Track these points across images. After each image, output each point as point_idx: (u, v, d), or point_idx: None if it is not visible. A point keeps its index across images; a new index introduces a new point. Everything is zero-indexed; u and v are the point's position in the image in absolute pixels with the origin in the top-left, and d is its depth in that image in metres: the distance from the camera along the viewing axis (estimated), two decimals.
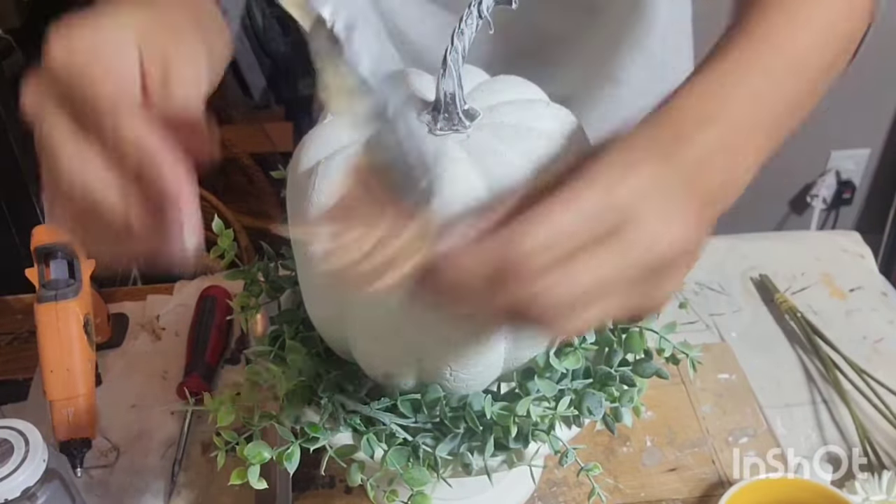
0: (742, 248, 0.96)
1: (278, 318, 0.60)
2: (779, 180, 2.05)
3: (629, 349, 0.56)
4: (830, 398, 0.78)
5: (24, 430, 0.54)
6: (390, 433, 0.52)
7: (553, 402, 0.52)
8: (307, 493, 0.69)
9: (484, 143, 0.49)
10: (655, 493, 0.70)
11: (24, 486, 0.52)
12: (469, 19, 0.49)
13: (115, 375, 0.80)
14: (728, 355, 0.83)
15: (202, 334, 0.81)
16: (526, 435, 0.52)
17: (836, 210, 2.08)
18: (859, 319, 0.87)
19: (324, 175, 0.49)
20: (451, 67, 0.49)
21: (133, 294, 0.90)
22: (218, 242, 0.62)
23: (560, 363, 0.52)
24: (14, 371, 0.80)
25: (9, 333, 0.85)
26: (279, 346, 0.56)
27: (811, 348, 0.83)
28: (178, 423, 0.75)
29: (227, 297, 0.84)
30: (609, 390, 0.54)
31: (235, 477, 0.52)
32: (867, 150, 2.02)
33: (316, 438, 0.52)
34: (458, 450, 0.52)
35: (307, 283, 0.54)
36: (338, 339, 0.55)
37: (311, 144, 0.52)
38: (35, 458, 0.53)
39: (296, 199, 0.51)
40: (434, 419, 0.53)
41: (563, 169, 0.39)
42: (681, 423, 0.76)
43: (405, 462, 0.52)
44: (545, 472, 0.70)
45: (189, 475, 0.71)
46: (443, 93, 0.50)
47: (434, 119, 0.51)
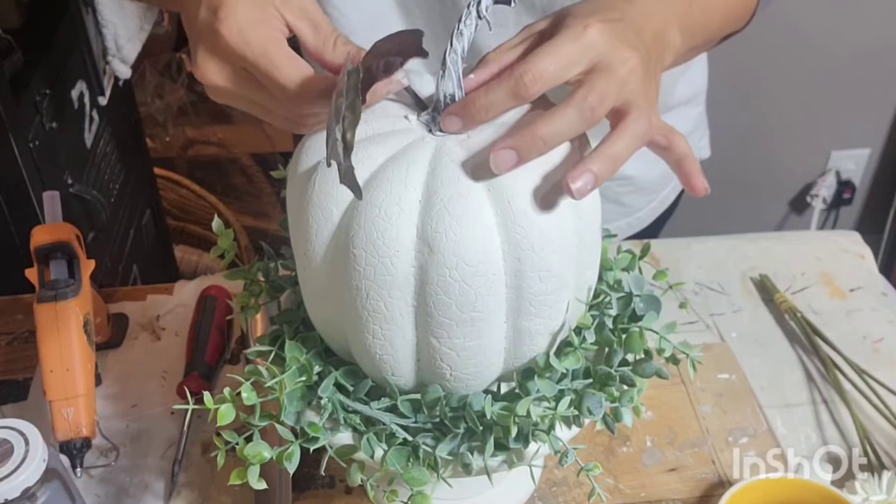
0: (742, 248, 0.96)
1: (278, 318, 0.60)
2: (779, 180, 2.05)
3: (629, 349, 0.56)
4: (830, 398, 0.78)
5: (24, 429, 0.54)
6: (390, 433, 0.52)
7: (553, 402, 0.52)
8: (307, 493, 0.69)
9: (484, 143, 0.49)
10: (655, 493, 0.70)
11: (24, 486, 0.52)
12: (468, 19, 0.49)
13: (115, 375, 0.80)
14: (728, 355, 0.83)
15: (202, 334, 0.81)
16: (526, 435, 0.52)
17: (836, 210, 2.08)
18: (859, 319, 0.87)
19: (324, 175, 0.49)
20: (450, 68, 0.49)
21: (133, 294, 0.90)
22: (218, 242, 0.62)
23: (560, 363, 0.52)
24: (14, 371, 0.80)
25: (9, 333, 0.85)
26: (279, 346, 0.56)
27: (811, 348, 0.83)
28: (178, 422, 0.75)
29: (227, 297, 0.84)
30: (609, 390, 0.54)
31: (235, 477, 0.52)
32: (867, 150, 2.02)
33: (316, 438, 0.52)
34: (458, 450, 0.52)
35: (307, 284, 0.54)
36: (338, 339, 0.55)
37: (311, 144, 0.52)
38: (35, 458, 0.53)
39: (296, 198, 0.52)
40: (434, 419, 0.53)
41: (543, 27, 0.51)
42: (681, 423, 0.76)
43: (405, 462, 0.52)
44: (545, 473, 0.70)
45: (189, 475, 0.71)
46: (442, 93, 0.50)
47: (434, 119, 0.51)
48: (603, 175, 0.47)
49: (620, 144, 0.48)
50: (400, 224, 0.47)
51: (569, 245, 0.49)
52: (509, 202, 0.47)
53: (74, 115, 1.27)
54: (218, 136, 2.00)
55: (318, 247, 0.50)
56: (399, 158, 0.49)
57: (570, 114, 0.47)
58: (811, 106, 1.92)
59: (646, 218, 0.98)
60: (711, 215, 1.79)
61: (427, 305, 0.48)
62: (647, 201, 0.97)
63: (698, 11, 0.58)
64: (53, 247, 0.70)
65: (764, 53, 1.78)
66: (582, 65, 0.48)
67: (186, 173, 1.95)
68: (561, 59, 0.47)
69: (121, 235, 1.41)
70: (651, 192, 0.96)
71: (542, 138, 0.46)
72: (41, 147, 1.11)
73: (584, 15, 0.49)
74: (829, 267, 0.94)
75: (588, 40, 0.48)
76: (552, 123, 0.47)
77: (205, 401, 0.51)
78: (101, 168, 1.35)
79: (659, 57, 0.53)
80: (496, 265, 0.47)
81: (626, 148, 0.48)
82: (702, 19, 0.60)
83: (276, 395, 0.52)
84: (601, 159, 0.47)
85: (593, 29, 0.48)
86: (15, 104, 1.06)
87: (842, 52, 1.84)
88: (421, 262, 0.47)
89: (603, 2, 0.52)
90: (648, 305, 0.58)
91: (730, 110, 1.79)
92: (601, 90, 0.47)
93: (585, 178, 0.46)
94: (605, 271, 0.60)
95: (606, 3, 0.52)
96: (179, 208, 1.88)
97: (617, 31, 0.49)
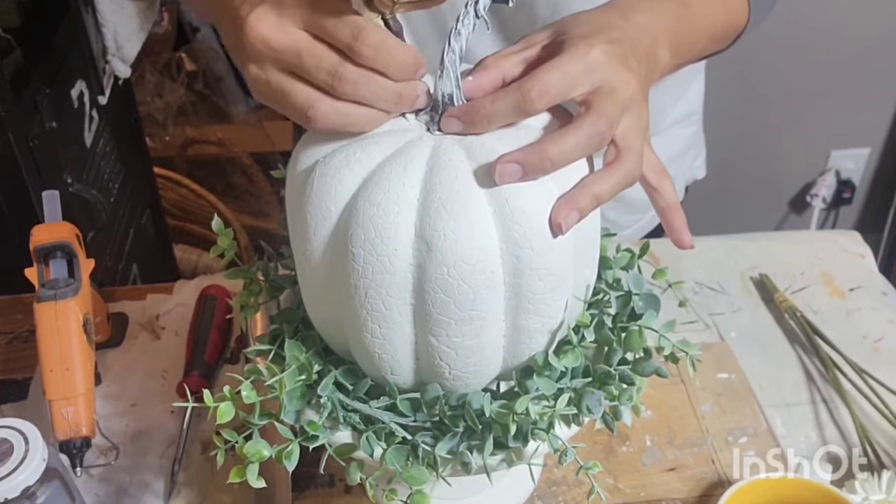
0: (742, 248, 0.96)
1: (278, 318, 0.60)
2: (779, 180, 2.05)
3: (628, 348, 0.56)
4: (830, 398, 0.78)
5: (24, 429, 0.54)
6: (390, 432, 0.52)
7: (552, 400, 0.52)
8: (307, 492, 0.69)
9: (482, 142, 0.49)
10: (655, 492, 0.70)
11: (23, 486, 0.52)
12: (466, 19, 0.49)
13: (115, 375, 0.80)
14: (728, 355, 0.83)
15: (202, 333, 0.81)
16: (525, 434, 0.52)
17: (836, 210, 2.08)
18: (859, 319, 0.87)
19: (322, 174, 0.49)
20: (448, 68, 0.49)
21: (133, 293, 0.90)
22: (218, 242, 0.62)
23: (559, 361, 0.52)
24: (14, 370, 0.80)
25: (8, 333, 0.85)
26: (279, 345, 0.56)
27: (811, 348, 0.83)
28: (178, 422, 0.75)
29: (227, 297, 0.84)
30: (608, 389, 0.54)
31: (234, 475, 0.52)
32: (867, 149, 2.02)
33: (315, 437, 0.52)
34: (458, 448, 0.52)
35: (306, 283, 0.54)
36: (337, 337, 0.55)
37: (310, 143, 0.52)
38: (35, 458, 0.53)
39: (295, 197, 0.52)
40: (433, 418, 0.53)
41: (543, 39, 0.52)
42: (680, 422, 0.76)
43: (404, 461, 0.52)
44: (544, 471, 0.70)
45: (189, 474, 0.71)
46: (440, 94, 0.50)
47: (432, 119, 0.51)
48: (587, 211, 0.49)
49: (610, 183, 0.50)
50: (398, 223, 0.47)
51: (567, 243, 0.49)
52: (507, 200, 0.47)
53: (74, 115, 1.27)
54: (218, 135, 2.01)
55: (316, 246, 0.50)
56: (397, 157, 0.49)
57: (580, 138, 0.48)
58: (811, 106, 1.92)
59: (632, 235, 0.97)
60: (711, 215, 1.79)
61: (426, 304, 0.48)
62: (634, 220, 0.97)
63: (686, 30, 0.60)
64: (53, 246, 0.70)
65: (764, 53, 1.78)
66: (586, 85, 0.49)
67: (186, 173, 1.95)
68: (567, 78, 0.48)
69: (120, 235, 1.41)
70: (638, 210, 0.96)
71: (550, 159, 0.47)
72: (41, 146, 1.11)
73: (588, 35, 0.50)
74: (829, 266, 0.94)
75: (593, 61, 0.49)
76: (562, 144, 0.47)
77: (204, 399, 0.51)
78: (100, 167, 1.35)
79: (648, 76, 0.54)
80: (494, 263, 0.47)
81: (614, 188, 0.50)
82: (689, 38, 0.61)
83: (275, 394, 0.52)
84: (589, 196, 0.49)
85: (597, 50, 0.49)
86: (15, 104, 1.06)
87: (842, 51, 1.84)
88: (419, 260, 0.47)
89: (602, 18, 0.53)
90: (648, 304, 0.58)
91: (730, 110, 1.79)
92: (610, 115, 0.48)
93: (572, 215, 0.48)
94: (605, 270, 0.60)
95: (606, 20, 0.53)
96: (179, 208, 1.88)
97: (619, 54, 0.50)
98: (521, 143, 0.48)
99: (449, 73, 0.50)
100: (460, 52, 0.50)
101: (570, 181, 0.49)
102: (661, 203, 0.56)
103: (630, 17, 0.54)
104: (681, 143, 0.96)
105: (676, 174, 0.98)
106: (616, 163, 0.50)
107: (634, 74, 0.51)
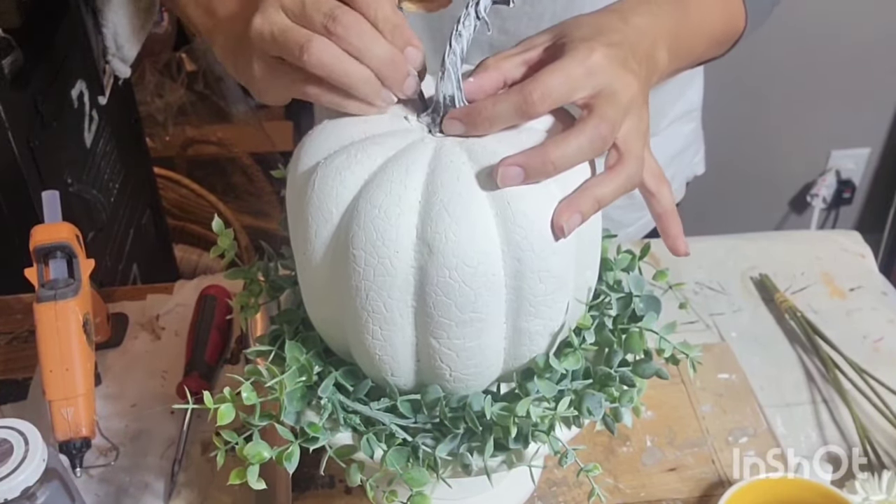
0: (742, 248, 0.96)
1: (278, 318, 0.60)
2: (779, 180, 2.05)
3: (629, 349, 0.56)
4: (830, 398, 0.78)
5: (24, 429, 0.54)
6: (390, 433, 0.52)
7: (553, 402, 0.52)
8: (307, 494, 0.69)
9: (484, 145, 0.49)
10: (655, 492, 0.70)
11: (23, 486, 0.52)
12: (467, 21, 0.49)
13: (115, 375, 0.80)
14: (728, 355, 0.83)
15: (202, 334, 0.81)
16: (526, 435, 0.52)
17: (836, 209, 2.09)
18: (859, 319, 0.87)
19: (323, 175, 0.49)
20: (449, 70, 0.50)
21: (133, 293, 0.90)
22: (218, 242, 0.62)
23: (560, 364, 0.52)
24: (14, 371, 0.80)
25: (8, 333, 0.85)
26: (279, 346, 0.56)
27: (811, 348, 0.83)
28: (178, 422, 0.75)
29: (227, 297, 0.84)
30: (609, 391, 0.54)
31: (234, 477, 0.52)
32: (867, 149, 2.02)
33: (316, 438, 0.52)
34: (458, 450, 0.52)
35: (307, 284, 0.54)
36: (338, 339, 0.55)
37: (311, 144, 0.52)
38: (35, 458, 0.53)
39: (296, 198, 0.51)
40: (434, 419, 0.53)
41: (544, 42, 0.52)
42: (681, 422, 0.76)
43: (405, 462, 0.52)
44: (545, 473, 0.70)
45: (189, 475, 0.71)
46: (442, 95, 0.50)
47: (434, 120, 0.51)
48: (589, 214, 0.49)
49: (612, 187, 0.50)
50: (399, 225, 0.47)
51: (569, 246, 0.49)
52: (509, 203, 0.47)
53: (74, 115, 1.26)
54: (218, 135, 2.00)
55: (317, 247, 0.50)
56: (399, 159, 0.49)
57: (583, 141, 0.48)
58: (811, 106, 1.93)
59: (635, 233, 0.97)
60: (711, 215, 1.79)
61: (427, 306, 0.48)
62: (637, 218, 0.97)
63: (685, 33, 0.60)
64: (53, 246, 0.70)
65: (764, 53, 1.78)
66: (588, 89, 0.49)
67: (186, 173, 1.95)
68: (569, 81, 0.49)
69: (120, 235, 1.41)
70: (641, 207, 0.96)
71: (552, 162, 0.47)
72: (41, 147, 1.11)
73: (588, 38, 0.50)
74: (829, 266, 0.94)
75: (594, 64, 0.49)
76: (564, 148, 0.48)
77: (204, 400, 0.51)
78: (100, 167, 1.35)
79: (648, 78, 0.54)
80: (496, 266, 0.47)
81: (616, 191, 0.50)
82: (688, 41, 0.61)
83: (275, 395, 0.52)
84: (590, 200, 0.49)
85: (599, 54, 0.49)
86: (15, 104, 1.06)
87: (842, 51, 1.84)
88: (420, 262, 0.47)
89: (602, 21, 0.53)
90: (648, 306, 0.58)
91: (730, 110, 1.79)
92: (612, 119, 0.49)
93: (574, 218, 0.48)
94: (605, 272, 0.60)
95: (606, 23, 0.53)
96: (179, 208, 1.88)
97: (620, 57, 0.51)
98: (524, 146, 0.48)
99: (450, 74, 0.50)
100: (461, 54, 0.50)
101: (571, 184, 0.49)
102: (657, 208, 0.56)
103: (629, 19, 0.54)
104: (681, 141, 0.96)
105: (676, 171, 0.98)
106: (618, 166, 0.50)
107: (635, 77, 0.51)
